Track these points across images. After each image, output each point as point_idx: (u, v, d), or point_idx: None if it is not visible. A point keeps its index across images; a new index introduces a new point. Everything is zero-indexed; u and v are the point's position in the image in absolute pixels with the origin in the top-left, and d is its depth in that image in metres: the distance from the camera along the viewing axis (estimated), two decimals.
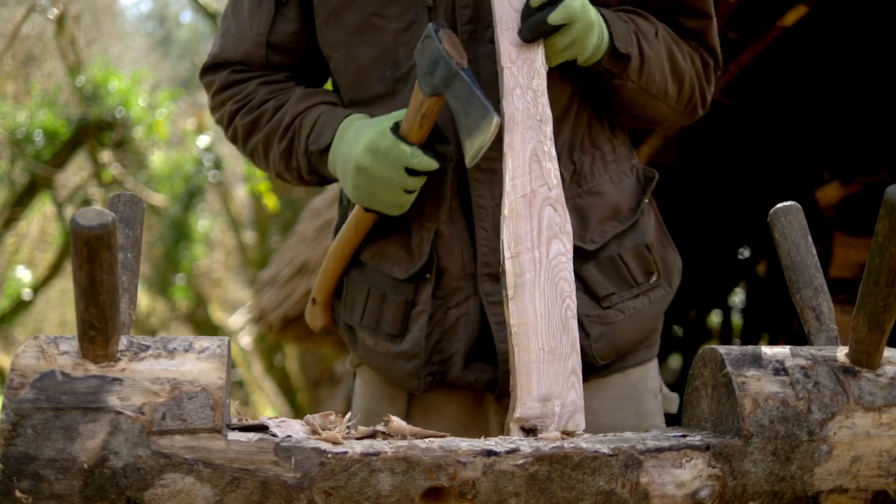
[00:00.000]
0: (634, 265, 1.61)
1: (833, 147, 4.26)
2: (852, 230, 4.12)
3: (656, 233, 1.70)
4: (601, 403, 1.61)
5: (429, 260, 1.58)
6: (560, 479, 1.06)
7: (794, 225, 1.32)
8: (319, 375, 8.18)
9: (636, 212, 1.64)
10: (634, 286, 1.61)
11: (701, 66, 1.65)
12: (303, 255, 5.25)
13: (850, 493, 1.12)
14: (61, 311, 13.89)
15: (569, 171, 1.59)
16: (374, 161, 1.49)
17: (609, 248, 1.60)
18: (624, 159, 1.67)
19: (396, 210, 1.54)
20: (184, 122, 13.38)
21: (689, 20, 1.64)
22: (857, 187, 4.11)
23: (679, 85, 1.61)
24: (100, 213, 0.95)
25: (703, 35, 1.65)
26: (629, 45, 1.51)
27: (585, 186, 1.60)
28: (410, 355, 1.60)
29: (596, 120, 1.62)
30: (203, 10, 11.20)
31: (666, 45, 1.58)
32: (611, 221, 1.61)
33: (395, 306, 1.62)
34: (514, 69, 1.41)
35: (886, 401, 1.12)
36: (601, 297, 1.58)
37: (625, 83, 1.54)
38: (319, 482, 1.03)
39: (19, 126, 11.26)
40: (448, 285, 1.58)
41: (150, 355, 1.06)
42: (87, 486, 1.00)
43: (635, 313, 1.62)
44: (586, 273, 1.57)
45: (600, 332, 1.58)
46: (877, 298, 1.06)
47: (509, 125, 1.39)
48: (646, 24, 1.56)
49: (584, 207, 1.59)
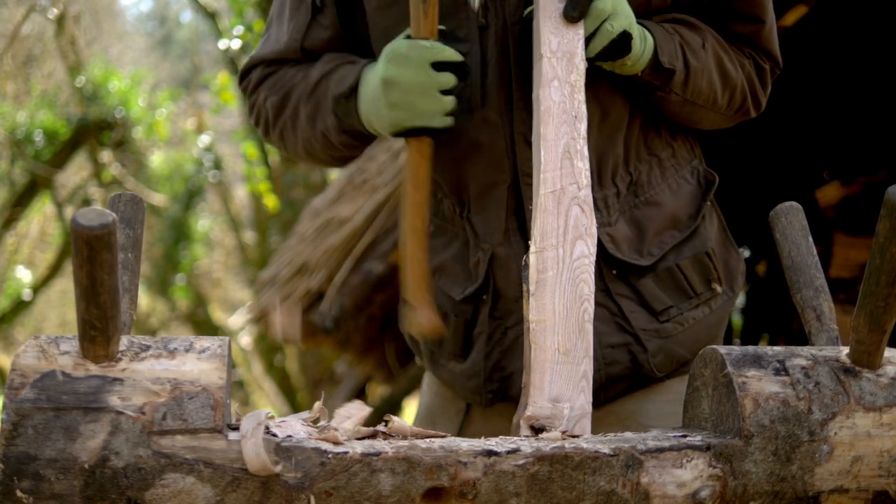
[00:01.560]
0: (693, 275, 1.59)
1: (833, 147, 4.25)
2: (852, 230, 4.12)
3: (718, 236, 1.67)
4: (656, 407, 1.60)
5: (484, 282, 1.58)
6: (561, 480, 1.06)
7: (794, 225, 1.32)
8: (319, 375, 8.17)
9: (696, 218, 1.61)
10: (694, 297, 1.59)
11: (754, 71, 1.63)
12: (303, 255, 5.25)
13: (851, 493, 1.11)
14: (61, 311, 13.89)
15: (625, 182, 1.57)
16: (398, 69, 1.44)
17: (667, 259, 1.58)
18: (684, 162, 1.64)
19: (441, 119, 1.46)
20: (184, 122, 13.38)
21: (741, 25, 1.61)
22: (857, 187, 4.11)
23: (730, 93, 1.59)
24: (100, 213, 0.95)
25: (756, 39, 1.63)
26: (673, 58, 1.49)
27: (642, 196, 1.58)
28: (472, 374, 1.62)
29: (652, 127, 1.60)
30: (203, 10, 11.18)
31: (714, 55, 1.56)
32: (669, 231, 1.59)
33: (455, 326, 1.63)
34: (553, 60, 1.38)
35: (887, 401, 1.12)
36: (658, 311, 1.56)
37: (669, 96, 1.52)
38: (320, 482, 1.03)
39: (19, 126, 11.26)
40: (504, 307, 1.58)
41: (150, 355, 1.06)
42: (88, 486, 1.00)
43: (695, 324, 1.59)
44: (643, 287, 1.56)
45: (658, 345, 1.56)
46: (877, 299, 1.06)
47: (544, 117, 1.36)
48: (692, 34, 1.54)
49: (640, 219, 1.57)
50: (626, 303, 1.56)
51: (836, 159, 4.26)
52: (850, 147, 4.17)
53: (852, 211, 4.11)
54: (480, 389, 1.62)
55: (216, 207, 13.73)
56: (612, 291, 1.56)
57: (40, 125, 11.22)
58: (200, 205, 13.26)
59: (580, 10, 1.38)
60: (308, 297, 4.55)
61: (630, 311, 1.56)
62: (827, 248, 4.07)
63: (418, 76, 1.43)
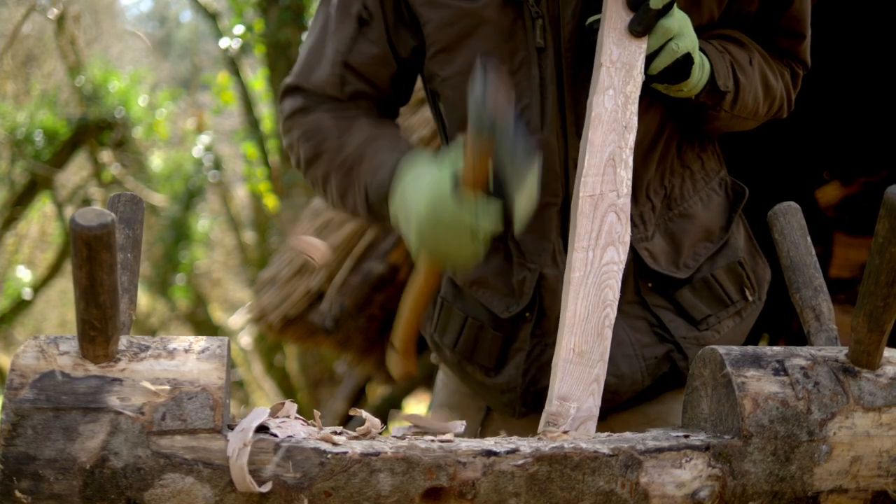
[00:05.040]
0: (728, 283, 1.61)
1: (833, 147, 4.25)
2: (852, 230, 4.11)
3: (746, 246, 1.69)
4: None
5: (531, 301, 1.58)
6: (560, 480, 1.06)
7: (793, 225, 1.32)
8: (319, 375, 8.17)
9: (727, 230, 1.64)
10: (730, 305, 1.61)
11: (790, 78, 1.66)
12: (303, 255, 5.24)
13: (850, 493, 1.11)
14: (61, 311, 13.88)
15: (659, 196, 1.58)
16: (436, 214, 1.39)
17: (702, 269, 1.60)
18: (713, 174, 1.67)
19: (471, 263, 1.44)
20: (184, 122, 13.38)
21: (784, 40, 1.64)
22: (857, 187, 4.10)
23: (770, 102, 1.62)
24: (100, 213, 0.95)
25: (796, 51, 1.66)
26: (727, 80, 1.51)
27: (676, 210, 1.60)
28: (506, 389, 1.62)
29: (686, 140, 1.62)
30: (203, 10, 11.18)
31: (760, 71, 1.58)
32: (703, 243, 1.61)
33: (493, 340, 1.63)
34: (611, 70, 1.40)
35: (886, 401, 1.12)
36: (698, 320, 1.58)
37: (718, 114, 1.54)
38: (319, 482, 1.03)
39: (19, 126, 11.25)
40: (548, 325, 1.58)
41: (150, 355, 1.06)
42: (87, 487, 1.00)
43: (729, 332, 1.62)
44: (681, 297, 1.58)
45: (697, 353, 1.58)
46: (877, 299, 1.07)
47: (594, 123, 1.38)
48: (741, 52, 1.56)
49: (676, 232, 1.59)
50: (664, 313, 1.58)
51: (836, 159, 4.25)
52: (851, 147, 4.16)
53: (852, 211, 4.10)
54: (515, 404, 1.63)
55: (216, 207, 13.72)
56: (650, 303, 1.58)
57: (40, 125, 11.21)
58: (200, 205, 13.25)
59: (645, 26, 1.40)
60: (308, 297, 4.55)
61: (669, 320, 1.58)
62: (827, 248, 4.07)
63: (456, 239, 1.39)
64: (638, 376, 1.56)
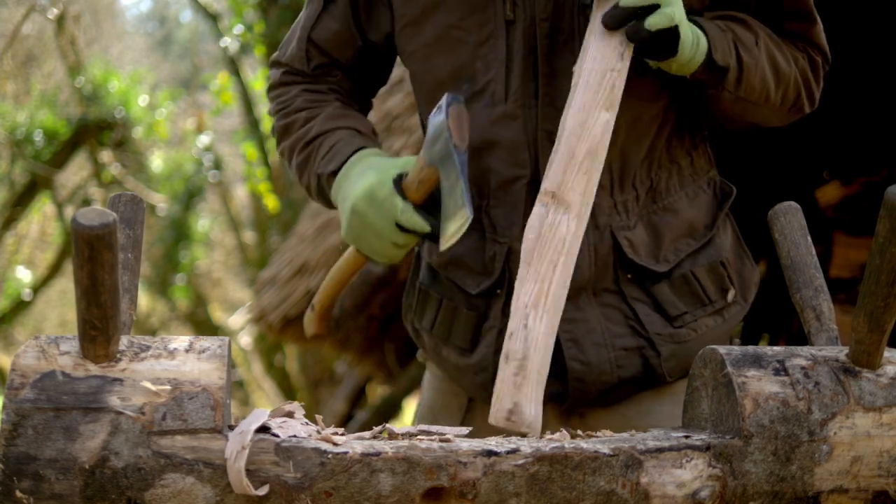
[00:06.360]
0: (708, 283, 1.60)
1: (833, 147, 4.25)
2: (852, 230, 4.11)
3: (733, 246, 1.68)
4: (663, 409, 1.60)
5: (500, 276, 1.58)
6: (560, 480, 1.06)
7: (793, 225, 1.32)
8: (319, 375, 8.18)
9: (712, 228, 1.62)
10: (708, 304, 1.60)
11: (808, 66, 1.62)
12: (303, 255, 5.25)
13: (851, 493, 1.12)
14: (61, 311, 13.89)
15: (645, 186, 1.57)
16: (368, 207, 1.49)
17: (682, 266, 1.59)
18: (701, 172, 1.65)
19: (385, 260, 1.54)
20: (184, 122, 13.39)
21: (793, 23, 1.61)
22: (857, 187, 4.10)
23: (784, 89, 1.58)
24: (101, 212, 0.95)
25: (809, 35, 1.63)
26: (727, 55, 1.47)
27: (660, 203, 1.59)
28: (479, 369, 1.62)
29: (676, 135, 1.60)
30: (203, 10, 11.18)
31: (767, 52, 1.54)
32: (685, 239, 1.60)
33: (467, 320, 1.63)
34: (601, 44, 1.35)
35: (887, 401, 1.12)
36: (673, 316, 1.57)
37: (721, 94, 1.51)
38: (320, 482, 1.03)
39: (19, 126, 11.26)
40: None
41: (150, 355, 1.06)
42: (88, 487, 1.00)
43: (708, 331, 1.60)
44: (658, 292, 1.57)
45: (671, 350, 1.57)
46: (877, 299, 1.07)
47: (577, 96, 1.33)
48: (745, 31, 1.53)
49: (658, 224, 1.58)
50: (641, 307, 1.57)
51: (836, 159, 4.25)
52: (851, 147, 4.16)
53: (852, 211, 4.10)
54: (487, 385, 1.61)
55: (216, 207, 13.73)
56: (627, 295, 1.57)
57: (40, 125, 11.22)
58: (200, 205, 13.26)
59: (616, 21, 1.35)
60: (308, 297, 4.55)
61: (645, 314, 1.57)
62: (827, 248, 4.07)
63: (380, 223, 1.49)
64: (606, 366, 1.55)
